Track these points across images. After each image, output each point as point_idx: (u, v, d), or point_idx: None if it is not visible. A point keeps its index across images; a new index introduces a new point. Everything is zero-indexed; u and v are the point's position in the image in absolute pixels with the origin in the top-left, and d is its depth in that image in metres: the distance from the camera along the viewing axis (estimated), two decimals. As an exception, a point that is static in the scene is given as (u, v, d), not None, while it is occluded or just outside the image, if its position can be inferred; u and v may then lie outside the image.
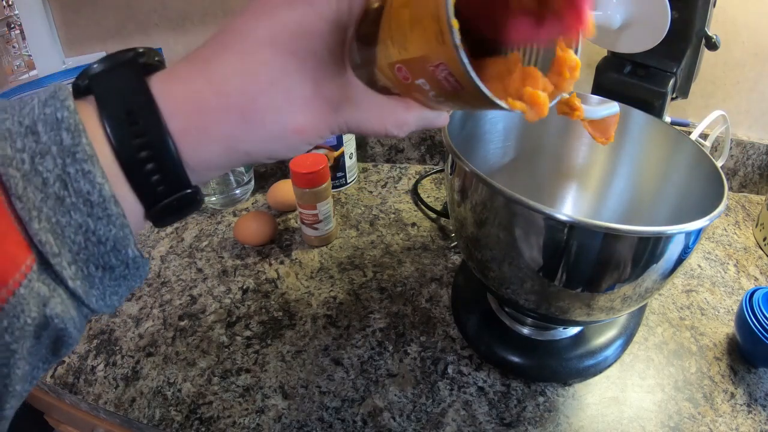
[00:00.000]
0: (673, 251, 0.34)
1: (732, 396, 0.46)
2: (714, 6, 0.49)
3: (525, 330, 0.49)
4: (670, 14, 0.45)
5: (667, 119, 0.58)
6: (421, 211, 0.70)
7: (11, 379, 0.19)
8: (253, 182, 0.75)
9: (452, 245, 0.64)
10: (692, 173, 0.42)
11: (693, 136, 0.49)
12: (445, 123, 0.27)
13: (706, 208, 0.34)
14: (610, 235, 0.33)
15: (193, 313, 0.56)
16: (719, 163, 0.39)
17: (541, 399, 0.46)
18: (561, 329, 0.49)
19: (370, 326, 0.53)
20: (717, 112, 0.57)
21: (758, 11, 0.62)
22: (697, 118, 0.58)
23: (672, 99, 0.55)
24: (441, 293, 0.57)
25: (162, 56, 0.22)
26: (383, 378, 0.48)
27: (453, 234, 0.66)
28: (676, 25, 0.46)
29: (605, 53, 0.56)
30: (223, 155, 0.22)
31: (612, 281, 0.36)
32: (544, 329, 0.49)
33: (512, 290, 0.41)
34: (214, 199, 0.71)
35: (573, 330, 0.49)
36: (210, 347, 0.52)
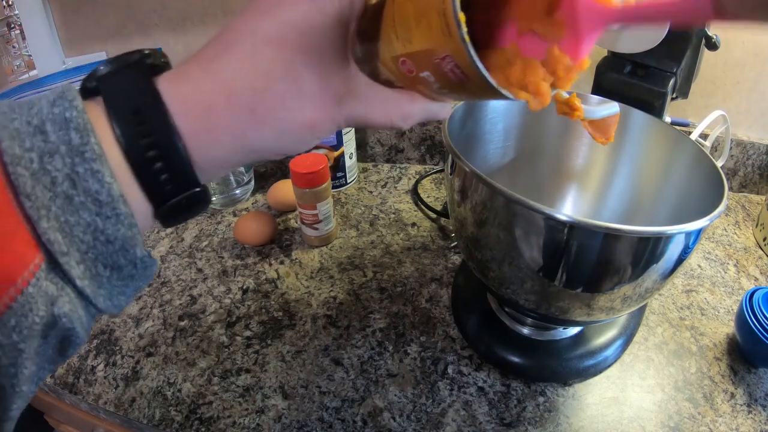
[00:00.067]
0: (673, 251, 0.34)
1: (732, 396, 0.46)
2: (714, 6, 0.49)
3: (525, 330, 0.49)
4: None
5: (667, 119, 0.58)
6: (421, 211, 0.70)
7: (18, 380, 0.19)
8: (253, 182, 0.75)
9: (452, 245, 0.64)
10: (692, 173, 0.42)
11: (693, 136, 0.49)
12: (448, 115, 0.27)
13: (706, 208, 0.34)
14: (610, 236, 0.33)
15: (193, 313, 0.56)
16: (719, 163, 0.39)
17: (541, 399, 0.46)
18: (561, 329, 0.49)
19: (370, 326, 0.53)
20: (717, 112, 0.57)
21: (758, 11, 0.62)
22: (697, 118, 0.58)
23: (672, 99, 0.55)
24: (441, 293, 0.57)
25: (167, 58, 0.23)
26: (383, 378, 0.48)
27: (453, 234, 0.66)
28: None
29: (605, 53, 0.56)
30: (234, 153, 0.22)
31: (612, 281, 0.36)
32: (544, 329, 0.49)
33: (512, 290, 0.41)
34: (214, 199, 0.71)
35: (573, 330, 0.49)
36: (210, 347, 0.52)
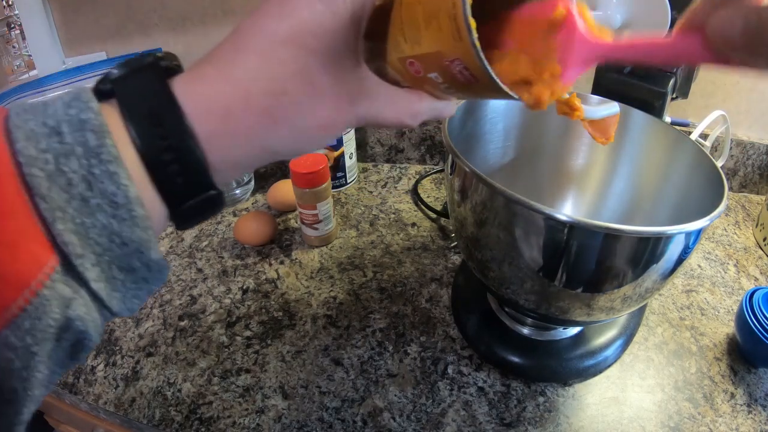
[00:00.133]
0: (673, 251, 0.34)
1: (732, 396, 0.46)
2: (714, 6, 0.49)
3: (525, 330, 0.49)
4: (671, 14, 0.45)
5: (667, 119, 0.58)
6: (421, 211, 0.70)
7: (31, 383, 0.18)
8: (253, 182, 0.75)
9: (452, 245, 0.64)
10: (692, 173, 0.42)
11: (693, 136, 0.49)
12: (453, 112, 0.28)
13: (706, 208, 0.34)
14: (610, 236, 0.33)
15: (193, 313, 0.56)
16: (719, 163, 0.39)
17: (541, 399, 0.46)
18: (561, 329, 0.49)
19: (370, 326, 0.53)
20: (717, 112, 0.57)
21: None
22: (697, 118, 0.58)
23: (672, 99, 0.55)
24: (441, 293, 0.57)
25: (179, 61, 0.23)
26: (383, 378, 0.48)
27: (453, 234, 0.66)
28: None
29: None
30: (251, 154, 0.22)
31: (612, 281, 0.36)
32: (544, 329, 0.49)
33: (512, 290, 0.41)
34: (214, 199, 0.71)
35: (573, 330, 0.49)
36: (210, 347, 0.52)
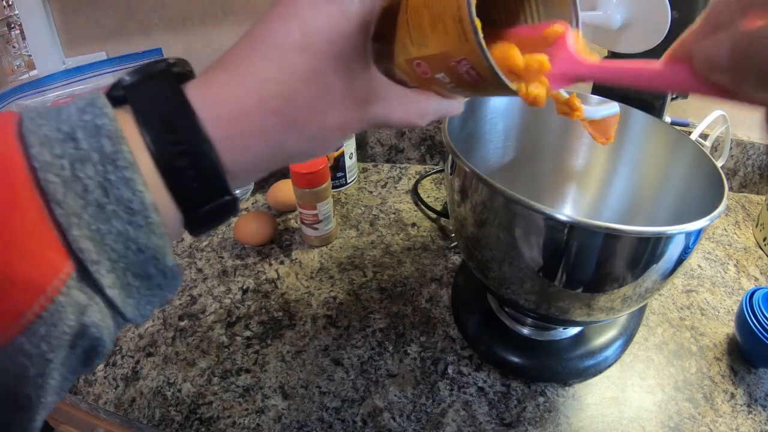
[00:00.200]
0: (674, 251, 0.34)
1: (732, 396, 0.46)
2: (714, 6, 0.49)
3: (525, 330, 0.49)
4: (671, 14, 0.45)
5: (667, 119, 0.58)
6: (421, 211, 0.70)
7: (44, 390, 0.18)
8: (253, 182, 0.75)
9: (452, 245, 0.64)
10: (692, 173, 0.42)
11: (693, 136, 0.49)
12: (461, 111, 0.28)
13: (706, 208, 0.34)
14: (610, 236, 0.33)
15: (193, 313, 0.56)
16: (719, 163, 0.39)
17: (541, 399, 0.46)
18: (561, 329, 0.49)
19: (370, 326, 0.53)
20: (717, 112, 0.57)
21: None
22: (697, 118, 0.58)
23: (672, 99, 0.55)
24: (441, 293, 0.57)
25: (191, 66, 0.23)
26: (383, 378, 0.48)
27: (453, 234, 0.66)
28: (677, 25, 0.46)
29: (605, 53, 0.56)
30: (265, 158, 0.22)
31: (612, 281, 0.36)
32: (544, 329, 0.49)
33: (512, 290, 0.41)
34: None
35: (573, 330, 0.49)
36: (210, 347, 0.52)
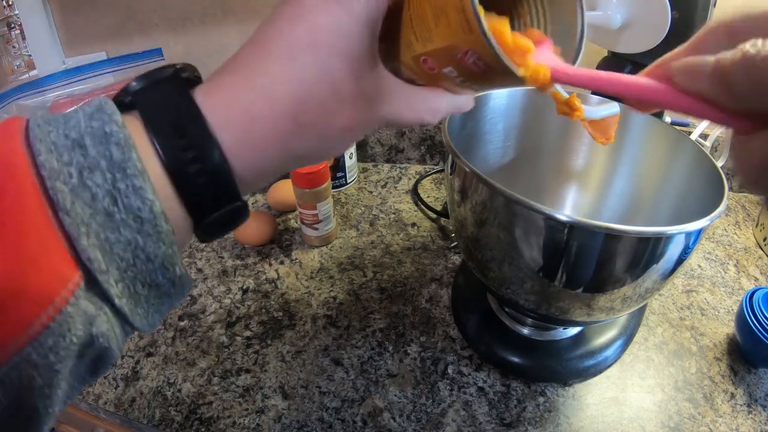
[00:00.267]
0: (674, 251, 0.34)
1: (732, 396, 0.46)
2: (714, 6, 0.49)
3: (525, 330, 0.49)
4: (671, 14, 0.45)
5: (667, 119, 0.58)
6: (421, 211, 0.70)
7: (52, 401, 0.18)
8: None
9: (452, 245, 0.64)
10: (692, 173, 0.42)
11: (693, 136, 0.49)
12: (471, 105, 0.27)
13: (706, 208, 0.34)
14: (610, 236, 0.33)
15: (193, 313, 0.56)
16: (719, 163, 0.39)
17: (541, 399, 0.46)
18: (561, 329, 0.49)
19: (370, 326, 0.53)
20: (717, 112, 0.57)
21: (758, 11, 0.62)
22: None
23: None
24: (441, 293, 0.57)
25: (199, 71, 0.22)
26: (383, 378, 0.48)
27: (453, 234, 0.66)
28: (677, 26, 0.46)
29: (605, 53, 0.56)
30: (277, 161, 0.22)
31: (612, 281, 0.36)
32: (544, 329, 0.49)
33: (512, 290, 0.41)
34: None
35: (573, 330, 0.49)
36: (210, 347, 0.52)
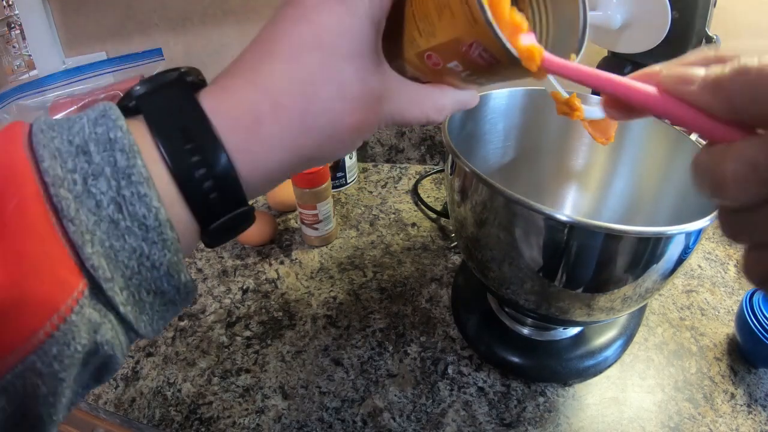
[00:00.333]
0: (674, 252, 0.34)
1: (732, 396, 0.46)
2: (714, 6, 0.49)
3: (525, 330, 0.49)
4: (671, 14, 0.45)
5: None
6: (421, 211, 0.70)
7: (56, 409, 0.18)
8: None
9: (452, 245, 0.64)
10: (692, 173, 0.42)
11: (693, 136, 0.49)
12: (476, 102, 0.27)
13: (707, 209, 0.34)
14: (611, 236, 0.33)
15: (193, 313, 0.56)
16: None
17: (541, 399, 0.46)
18: (561, 329, 0.49)
19: (370, 326, 0.53)
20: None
21: (759, 11, 0.62)
22: (698, 118, 0.58)
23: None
24: (441, 293, 0.57)
25: (203, 75, 0.22)
26: (383, 378, 0.48)
27: (453, 234, 0.66)
28: (677, 26, 0.46)
29: (605, 53, 0.56)
30: (285, 163, 0.22)
31: (612, 282, 0.36)
32: (544, 329, 0.49)
33: (512, 290, 0.41)
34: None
35: (573, 330, 0.49)
36: (210, 347, 0.52)
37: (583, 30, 0.22)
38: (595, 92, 0.56)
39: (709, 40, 0.50)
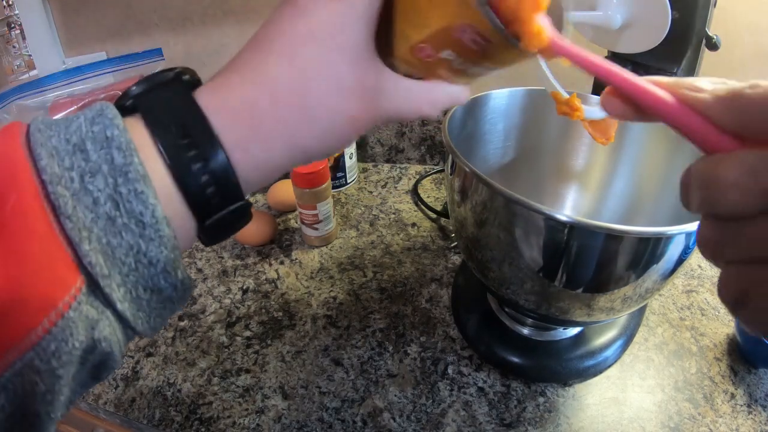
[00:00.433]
0: (674, 252, 0.34)
1: (732, 396, 0.46)
2: (714, 6, 0.49)
3: (525, 330, 0.49)
4: (671, 14, 0.45)
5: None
6: (421, 211, 0.70)
7: (54, 406, 0.18)
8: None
9: (452, 245, 0.64)
10: (692, 173, 0.42)
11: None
12: (468, 97, 0.27)
13: (707, 209, 0.34)
14: (611, 236, 0.33)
15: (193, 314, 0.56)
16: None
17: (541, 399, 0.46)
18: (561, 329, 0.49)
19: (370, 326, 0.53)
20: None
21: (759, 11, 0.62)
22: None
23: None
24: (441, 293, 0.57)
25: (198, 75, 0.23)
26: (383, 378, 0.48)
27: (453, 234, 0.66)
28: (677, 26, 0.46)
29: (605, 53, 0.56)
30: (283, 158, 0.22)
31: (612, 282, 0.36)
32: (544, 329, 0.49)
33: (512, 290, 0.41)
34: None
35: (573, 330, 0.49)
36: (210, 347, 0.52)
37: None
38: (595, 93, 0.56)
39: (710, 41, 0.50)
